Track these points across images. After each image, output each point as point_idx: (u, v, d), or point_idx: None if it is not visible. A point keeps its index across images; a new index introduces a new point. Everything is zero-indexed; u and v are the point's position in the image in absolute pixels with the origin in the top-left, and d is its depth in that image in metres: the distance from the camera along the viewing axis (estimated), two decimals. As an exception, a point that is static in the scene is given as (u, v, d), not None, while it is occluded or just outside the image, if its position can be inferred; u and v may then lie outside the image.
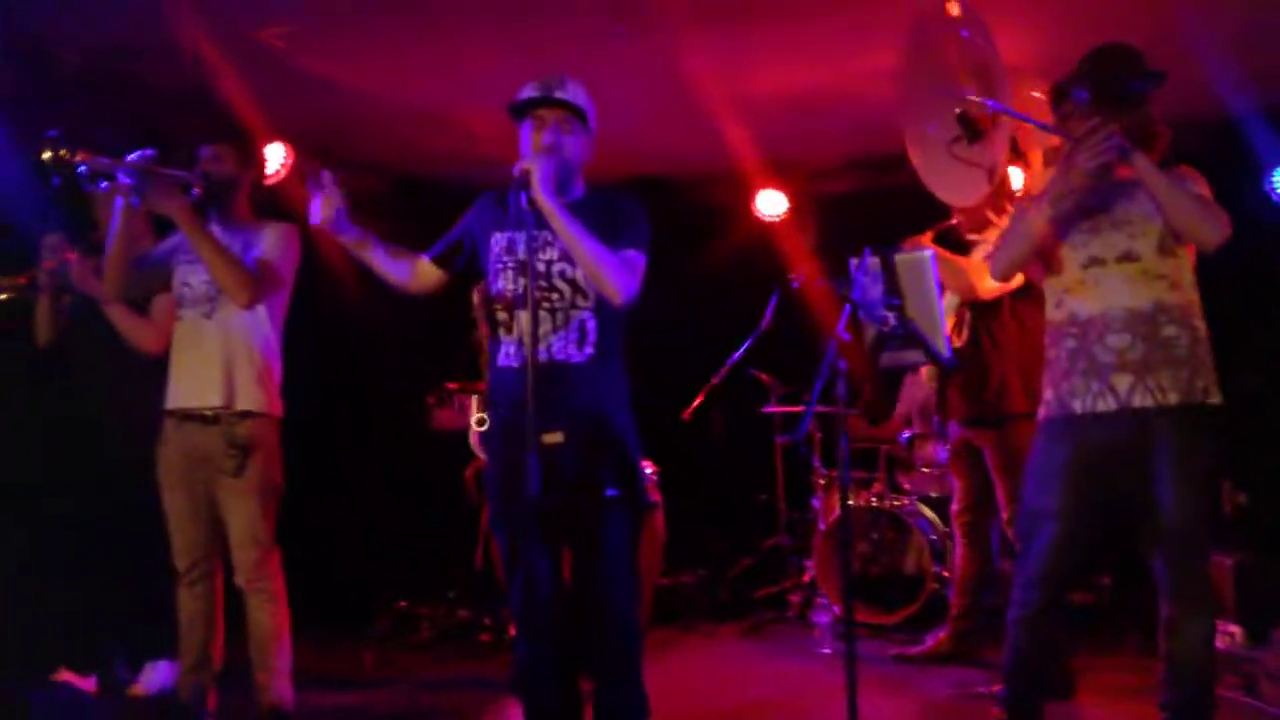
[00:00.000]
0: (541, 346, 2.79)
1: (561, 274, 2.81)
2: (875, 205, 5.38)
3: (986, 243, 4.18)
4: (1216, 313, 3.09)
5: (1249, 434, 5.54)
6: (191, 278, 3.52)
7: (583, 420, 2.78)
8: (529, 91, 2.88)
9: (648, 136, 5.72)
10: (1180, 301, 2.98)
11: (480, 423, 3.83)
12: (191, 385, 3.48)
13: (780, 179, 6.39)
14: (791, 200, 6.44)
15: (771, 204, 6.42)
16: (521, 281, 2.82)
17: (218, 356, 3.46)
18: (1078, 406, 3.01)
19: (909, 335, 2.88)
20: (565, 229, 2.71)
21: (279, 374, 3.58)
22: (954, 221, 4.33)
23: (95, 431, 3.96)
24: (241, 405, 3.46)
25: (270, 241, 3.54)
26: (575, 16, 4.30)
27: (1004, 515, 4.18)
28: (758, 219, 6.46)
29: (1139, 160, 2.89)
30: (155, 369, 3.64)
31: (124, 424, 3.63)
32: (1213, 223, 2.89)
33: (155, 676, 4.11)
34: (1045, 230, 3.04)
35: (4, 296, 3.97)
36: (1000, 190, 4.02)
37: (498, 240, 2.91)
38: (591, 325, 2.82)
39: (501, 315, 2.87)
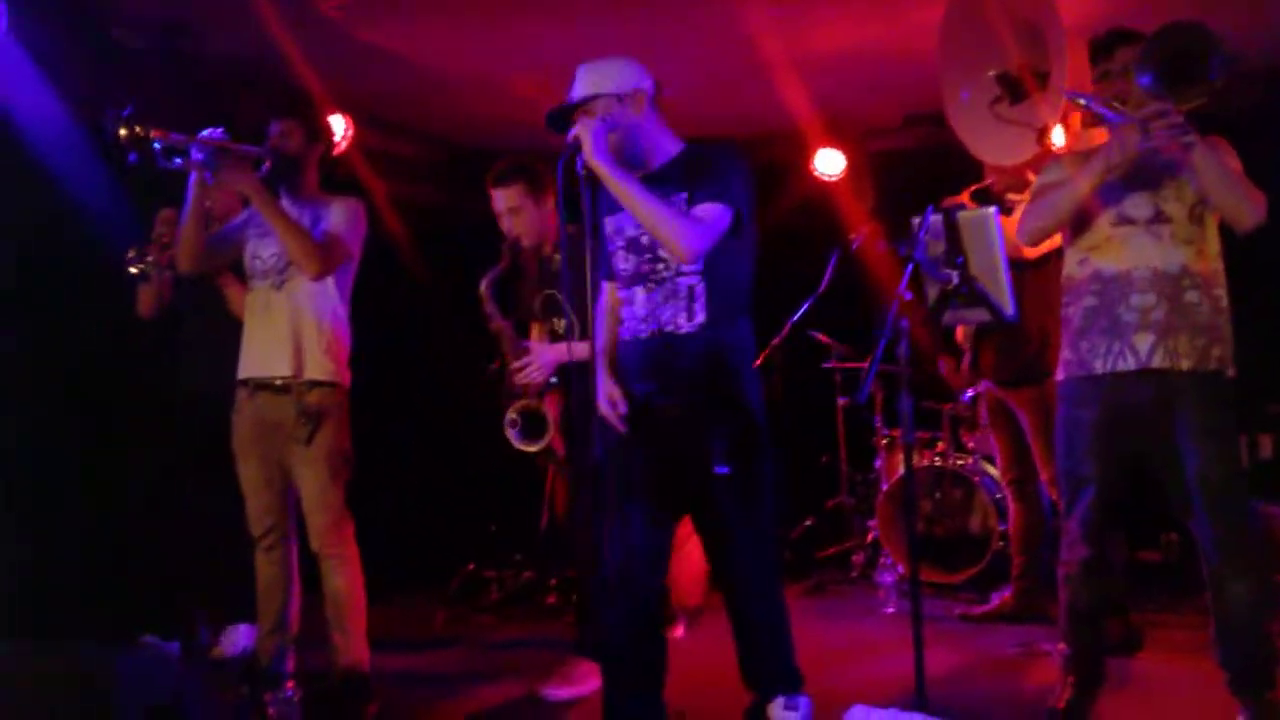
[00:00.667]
0: (651, 320, 2.80)
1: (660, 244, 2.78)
2: (934, 161, 5.29)
3: (1025, 202, 4.12)
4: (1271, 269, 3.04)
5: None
6: (262, 250, 3.60)
7: (693, 392, 2.76)
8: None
9: (703, 97, 5.68)
10: (1204, 269, 2.95)
11: (513, 424, 3.77)
12: (263, 355, 3.55)
13: (837, 137, 6.32)
14: (849, 159, 6.37)
15: (830, 163, 6.36)
16: (632, 259, 2.84)
17: (287, 327, 3.53)
18: (1098, 366, 3.00)
19: (973, 293, 2.86)
20: (622, 189, 2.67)
21: (348, 345, 3.64)
22: (989, 182, 4.27)
23: (196, 402, 4.09)
24: (311, 374, 3.52)
25: (338, 215, 3.59)
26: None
27: (1043, 476, 4.15)
28: (816, 178, 6.40)
29: (1199, 149, 2.83)
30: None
31: (222, 395, 3.72)
32: (1252, 206, 2.86)
33: (236, 639, 4.25)
34: (1085, 201, 3.00)
35: (136, 270, 4.13)
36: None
37: (608, 223, 2.92)
38: (700, 290, 2.77)
39: (622, 294, 2.90)
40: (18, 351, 4.15)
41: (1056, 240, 3.84)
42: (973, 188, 4.29)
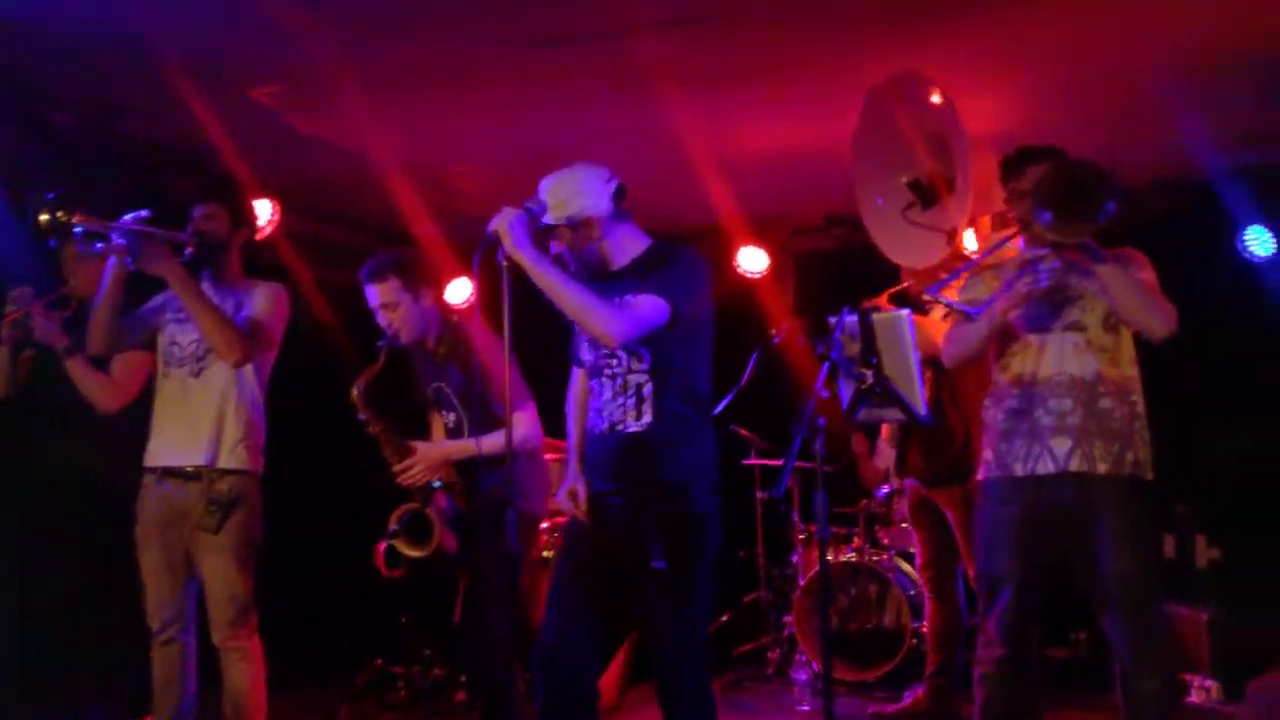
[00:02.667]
0: (604, 414, 2.81)
1: None
2: (855, 261, 5.44)
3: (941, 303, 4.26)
4: (1192, 373, 3.17)
5: (1224, 489, 5.62)
6: (181, 337, 3.55)
7: (637, 489, 2.76)
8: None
9: (631, 193, 5.78)
10: (1118, 376, 3.08)
11: (393, 534, 3.60)
12: (177, 443, 3.49)
13: (761, 236, 6.46)
14: (772, 257, 6.50)
15: (753, 260, 6.48)
16: (591, 352, 2.86)
17: (207, 415, 3.48)
18: (1018, 469, 3.08)
19: (887, 392, 2.92)
20: (543, 279, 2.67)
21: (263, 432, 3.60)
22: (905, 284, 4.41)
23: (61, 489, 3.95)
24: (225, 463, 3.47)
25: (261, 301, 3.57)
26: (559, 78, 4.38)
27: (970, 571, 4.21)
28: (739, 275, 6.52)
29: (1104, 270, 2.98)
30: (119, 425, 3.63)
31: (91, 481, 3.61)
32: (1160, 318, 3.00)
33: None
34: (988, 333, 3.14)
35: None
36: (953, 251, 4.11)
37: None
38: (649, 389, 2.78)
39: (590, 384, 2.90)
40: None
41: None
42: (890, 290, 4.42)
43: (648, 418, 2.77)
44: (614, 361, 2.81)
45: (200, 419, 3.48)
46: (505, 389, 2.81)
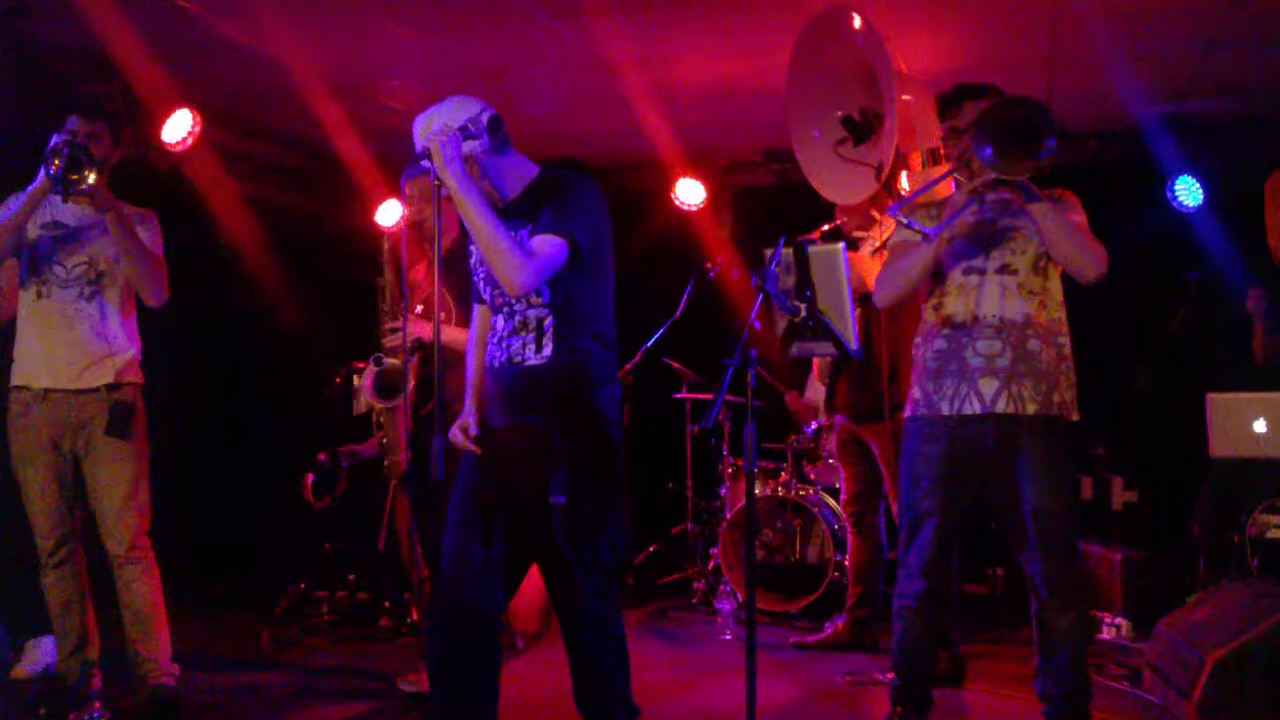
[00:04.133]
0: (503, 347, 2.74)
1: None
2: (792, 196, 5.42)
3: (872, 239, 4.27)
4: (1115, 317, 3.20)
5: (1140, 434, 5.77)
6: (66, 258, 3.44)
7: (537, 422, 2.69)
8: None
9: (567, 120, 5.68)
10: (1047, 319, 3.10)
11: (372, 373, 3.87)
12: (71, 366, 3.42)
13: (699, 169, 6.41)
14: (710, 190, 6.46)
15: (690, 193, 6.43)
16: (489, 289, 2.79)
17: (101, 339, 3.44)
18: (945, 408, 3.11)
19: (820, 326, 2.90)
20: (467, 206, 2.57)
21: (140, 345, 3.58)
22: (839, 221, 4.41)
23: None
24: (124, 377, 3.46)
25: (151, 235, 3.52)
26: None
27: (894, 506, 4.27)
28: (677, 207, 6.47)
29: (1038, 208, 2.98)
30: None
31: None
32: (1093, 259, 3.01)
33: (38, 656, 3.98)
34: (930, 264, 3.13)
35: None
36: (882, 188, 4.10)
37: (473, 251, 2.82)
38: (549, 323, 2.70)
39: (493, 320, 2.82)
40: None
41: None
42: (824, 227, 4.40)
43: (548, 350, 2.70)
44: (510, 298, 2.73)
45: (96, 342, 3.43)
46: (435, 310, 2.74)
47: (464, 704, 2.74)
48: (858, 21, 3.81)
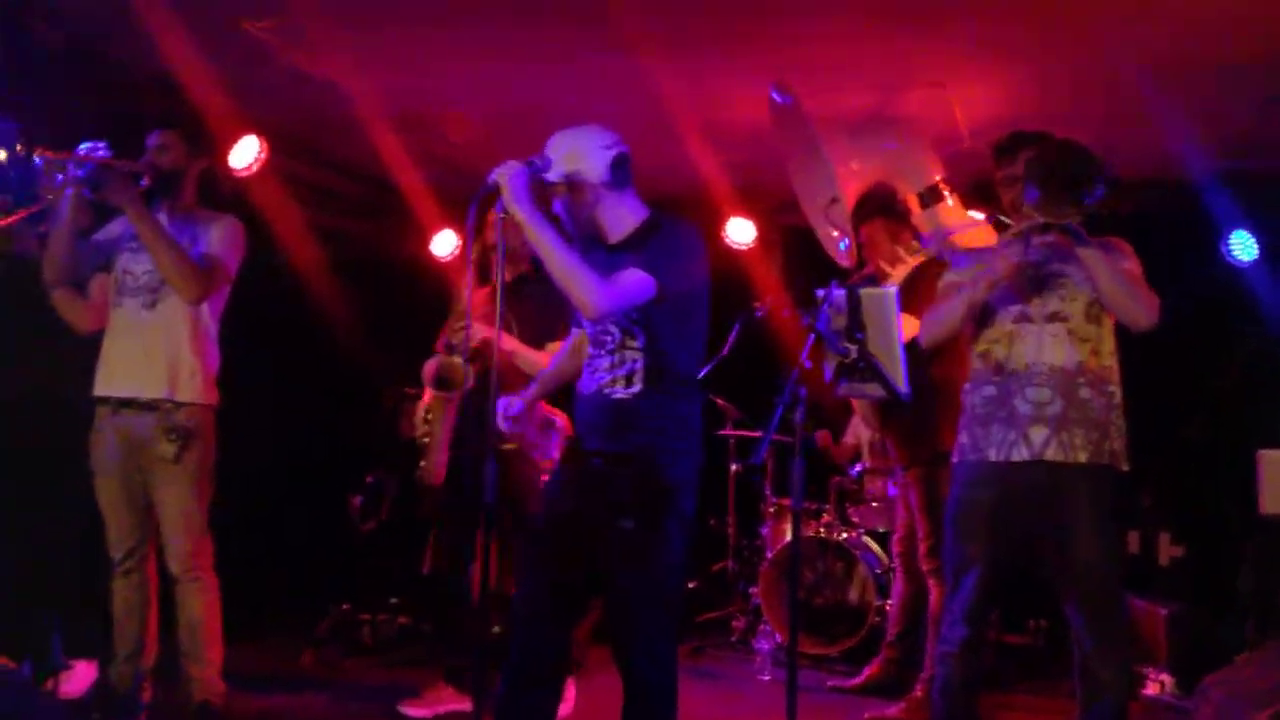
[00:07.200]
0: (595, 378, 2.83)
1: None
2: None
3: (894, 278, 4.30)
4: (1168, 369, 3.18)
5: (1188, 488, 5.69)
6: (135, 266, 3.52)
7: (619, 452, 2.77)
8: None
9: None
10: (1098, 366, 3.09)
11: (449, 349, 3.98)
12: (132, 374, 3.47)
13: (750, 208, 6.45)
14: (760, 230, 6.50)
15: (741, 232, 6.47)
16: (592, 323, 2.84)
17: (160, 348, 3.47)
18: (993, 454, 3.10)
19: (870, 368, 2.93)
20: (539, 238, 2.65)
21: (216, 365, 3.60)
22: (869, 271, 4.44)
23: (20, 411, 3.90)
24: (182, 396, 3.47)
25: (217, 236, 3.55)
26: (547, 27, 4.33)
27: (921, 549, 4.25)
28: (727, 246, 6.51)
29: (1088, 253, 2.99)
30: (80, 349, 3.60)
31: (51, 405, 3.59)
32: (1145, 308, 3.00)
33: (75, 678, 4.02)
34: (977, 307, 3.15)
35: None
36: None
37: None
38: (640, 364, 2.77)
39: (589, 349, 2.90)
40: None
41: None
42: (863, 273, 4.44)
43: (637, 387, 2.77)
44: (609, 337, 2.81)
45: (155, 351, 3.46)
46: (495, 343, 2.79)
47: None
48: (779, 98, 3.94)
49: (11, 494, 4.02)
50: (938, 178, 4.31)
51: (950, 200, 3.75)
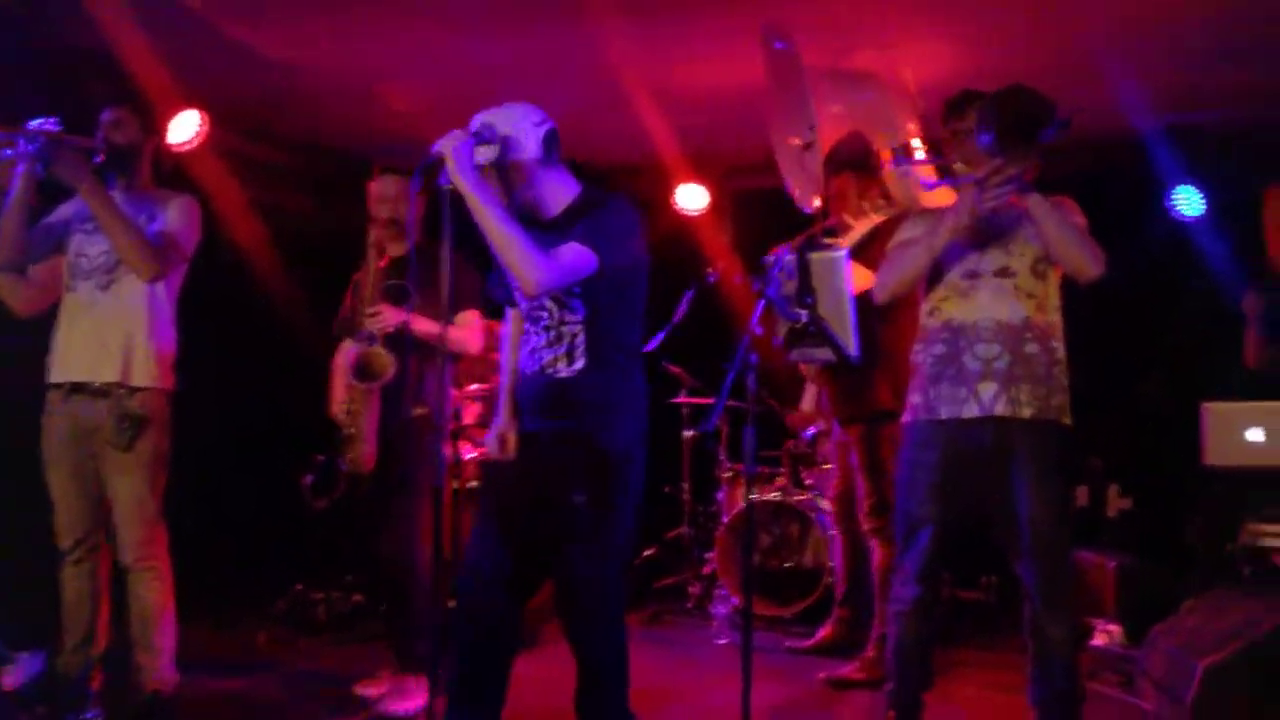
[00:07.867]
0: (536, 358, 2.81)
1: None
2: (794, 202, 5.43)
3: (857, 231, 4.30)
4: (1115, 325, 3.21)
5: (1137, 441, 5.78)
6: (89, 249, 3.42)
7: (563, 428, 2.77)
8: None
9: (569, 123, 5.66)
10: (1044, 322, 3.12)
11: (367, 339, 3.84)
12: (85, 359, 3.38)
13: (700, 173, 6.41)
14: (711, 195, 6.47)
15: (692, 198, 6.44)
16: (528, 299, 2.82)
17: (116, 331, 3.37)
18: (944, 412, 3.12)
19: (820, 332, 2.92)
20: (482, 211, 2.61)
21: (174, 348, 3.50)
22: (831, 223, 4.43)
23: None
24: (136, 380, 3.37)
25: (174, 214, 3.46)
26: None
27: (863, 506, 4.26)
28: (678, 212, 6.48)
29: (1035, 200, 3.00)
30: (22, 335, 3.51)
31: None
32: (1092, 257, 3.02)
33: (21, 667, 3.95)
34: (933, 259, 3.15)
35: None
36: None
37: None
38: (581, 340, 2.76)
39: (526, 325, 2.89)
40: None
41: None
42: (825, 223, 4.42)
43: (579, 364, 2.76)
44: (544, 313, 2.80)
45: (109, 334, 3.36)
46: (444, 314, 2.76)
47: (476, 708, 2.80)
48: (782, 48, 3.91)
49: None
50: (914, 137, 4.31)
51: (922, 154, 3.77)
